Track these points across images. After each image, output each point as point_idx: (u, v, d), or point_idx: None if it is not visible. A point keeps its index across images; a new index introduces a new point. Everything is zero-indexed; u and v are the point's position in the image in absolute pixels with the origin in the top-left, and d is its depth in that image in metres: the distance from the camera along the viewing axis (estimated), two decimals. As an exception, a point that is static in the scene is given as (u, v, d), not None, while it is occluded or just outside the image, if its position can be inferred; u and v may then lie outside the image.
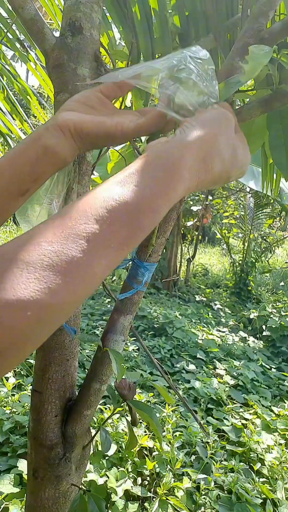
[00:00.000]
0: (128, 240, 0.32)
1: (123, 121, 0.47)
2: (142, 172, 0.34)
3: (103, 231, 0.31)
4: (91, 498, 0.71)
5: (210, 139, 0.38)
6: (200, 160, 0.37)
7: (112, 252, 0.31)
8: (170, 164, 0.35)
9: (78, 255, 0.29)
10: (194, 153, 0.36)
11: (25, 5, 0.65)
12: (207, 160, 0.37)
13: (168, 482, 1.83)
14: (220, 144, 0.39)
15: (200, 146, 0.37)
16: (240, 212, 6.62)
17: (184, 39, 1.12)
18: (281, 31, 0.74)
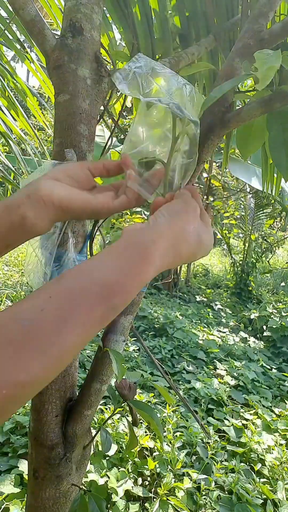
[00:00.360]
0: (101, 318, 0.35)
1: (108, 201, 0.51)
2: (118, 256, 0.38)
3: (78, 311, 0.33)
4: (91, 498, 0.71)
5: (178, 229, 0.43)
6: (170, 246, 0.41)
7: (85, 330, 0.33)
8: (143, 250, 0.39)
9: (53, 334, 0.31)
10: (165, 241, 0.41)
11: (26, 6, 0.65)
12: (176, 247, 0.42)
13: (168, 483, 1.83)
14: (187, 232, 0.44)
15: (169, 235, 0.41)
16: (241, 212, 6.62)
17: (185, 39, 1.12)
18: (281, 32, 0.74)
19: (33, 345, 0.30)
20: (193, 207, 0.46)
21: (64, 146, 0.66)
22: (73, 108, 0.67)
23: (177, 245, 0.42)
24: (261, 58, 0.53)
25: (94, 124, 0.70)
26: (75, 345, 0.33)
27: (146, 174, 0.55)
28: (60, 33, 0.70)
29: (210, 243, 0.48)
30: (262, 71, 0.51)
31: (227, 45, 1.10)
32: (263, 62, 0.52)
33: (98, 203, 0.50)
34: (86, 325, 0.33)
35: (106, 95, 0.75)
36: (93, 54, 0.69)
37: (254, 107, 0.70)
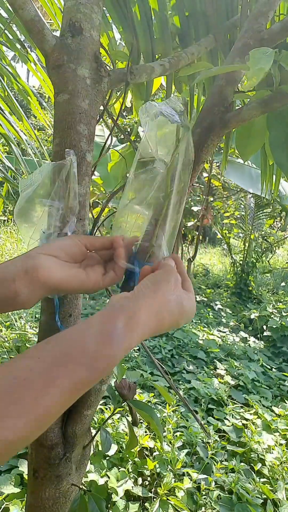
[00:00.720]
0: (86, 383, 0.36)
1: (99, 280, 0.55)
2: (103, 324, 0.40)
3: (62, 375, 0.35)
4: (91, 498, 0.71)
5: (161, 298, 0.45)
6: (153, 315, 0.44)
7: (70, 393, 0.35)
8: (128, 318, 0.40)
9: (39, 395, 0.33)
10: (148, 310, 0.43)
11: (25, 6, 0.65)
12: (159, 315, 0.44)
13: (168, 482, 1.83)
14: (169, 301, 0.46)
15: (153, 304, 0.44)
16: (241, 212, 6.62)
17: (184, 39, 1.12)
18: (280, 31, 0.74)
19: (19, 404, 0.32)
20: (175, 277, 0.49)
21: (63, 146, 0.66)
22: (73, 107, 0.67)
23: (160, 313, 0.45)
24: (255, 57, 0.54)
25: (93, 124, 0.70)
26: (58, 406, 0.34)
27: (135, 249, 0.61)
28: (60, 33, 0.70)
29: (192, 310, 0.50)
30: (252, 70, 0.52)
31: (226, 45, 1.10)
32: (256, 62, 0.52)
33: (91, 282, 0.54)
34: (70, 389, 0.35)
35: (106, 95, 0.75)
36: (93, 54, 0.69)
37: (254, 107, 0.70)
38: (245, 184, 3.43)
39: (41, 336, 0.68)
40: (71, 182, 0.64)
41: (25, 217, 0.64)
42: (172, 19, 1.09)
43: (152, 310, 0.44)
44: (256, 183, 3.44)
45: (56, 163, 0.63)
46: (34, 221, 0.65)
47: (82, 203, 0.68)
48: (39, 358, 0.35)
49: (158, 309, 0.45)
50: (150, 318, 0.43)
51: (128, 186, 0.63)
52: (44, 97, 9.42)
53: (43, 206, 0.63)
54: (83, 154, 0.68)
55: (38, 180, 0.63)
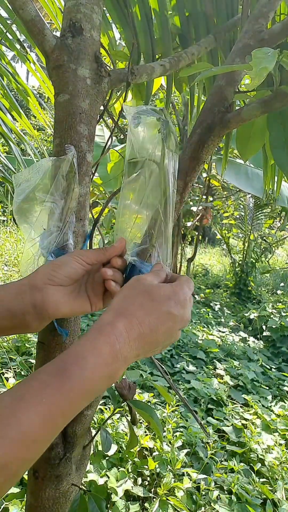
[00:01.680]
0: (61, 394, 0.35)
1: (100, 304, 0.57)
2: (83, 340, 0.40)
3: (31, 391, 0.34)
4: (91, 498, 0.71)
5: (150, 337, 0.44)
6: (134, 356, 0.43)
7: (44, 408, 0.33)
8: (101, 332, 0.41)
9: (9, 415, 0.32)
10: (133, 346, 0.42)
11: (26, 6, 0.65)
12: (140, 356, 0.44)
13: (168, 482, 1.83)
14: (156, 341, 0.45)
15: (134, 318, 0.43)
16: (240, 212, 6.62)
17: (184, 39, 1.12)
18: (281, 32, 0.74)
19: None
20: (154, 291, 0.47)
21: (64, 146, 0.66)
22: (73, 108, 0.67)
23: (142, 354, 0.44)
24: (258, 57, 0.54)
25: (94, 124, 0.70)
26: (35, 425, 0.32)
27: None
28: (60, 33, 0.70)
29: (177, 336, 0.47)
30: (255, 70, 0.52)
31: (227, 45, 1.10)
32: (259, 62, 0.52)
33: (94, 308, 0.56)
34: (42, 403, 0.33)
35: (106, 95, 0.75)
36: (93, 54, 0.69)
37: (254, 107, 0.70)
38: (241, 183, 3.41)
39: (40, 337, 0.68)
40: (71, 178, 0.63)
41: (24, 215, 0.64)
42: (173, 19, 1.10)
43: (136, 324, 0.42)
44: (252, 182, 3.42)
45: (56, 158, 0.63)
46: (34, 221, 0.64)
47: (82, 203, 0.68)
48: (14, 387, 0.35)
49: (141, 350, 0.43)
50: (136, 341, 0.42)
51: (128, 186, 0.63)
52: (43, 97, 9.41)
53: (42, 202, 0.63)
54: (84, 154, 0.68)
55: (36, 176, 0.63)
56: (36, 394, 0.33)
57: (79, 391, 0.36)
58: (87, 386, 0.36)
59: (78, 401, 0.36)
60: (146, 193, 0.61)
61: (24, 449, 0.32)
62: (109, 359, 0.39)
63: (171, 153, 0.60)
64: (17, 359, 2.69)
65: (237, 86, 0.78)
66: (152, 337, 0.43)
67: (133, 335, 0.41)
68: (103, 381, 0.38)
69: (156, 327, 0.43)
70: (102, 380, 0.38)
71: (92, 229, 0.77)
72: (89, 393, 0.37)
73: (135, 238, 0.66)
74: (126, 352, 0.40)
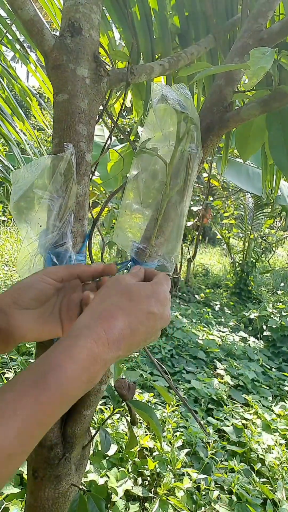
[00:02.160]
0: (33, 399, 0.33)
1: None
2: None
3: (3, 402, 0.32)
4: (90, 498, 0.71)
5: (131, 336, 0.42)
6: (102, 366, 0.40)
7: (18, 419, 0.32)
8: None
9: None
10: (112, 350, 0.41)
11: (24, 6, 0.65)
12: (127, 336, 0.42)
13: (168, 482, 1.83)
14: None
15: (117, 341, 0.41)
16: (240, 212, 6.62)
17: (184, 39, 1.12)
18: (280, 31, 0.74)
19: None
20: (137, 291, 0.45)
21: (63, 146, 0.66)
22: (72, 108, 0.67)
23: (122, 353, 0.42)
24: (256, 56, 0.54)
25: (93, 124, 0.70)
26: (9, 439, 0.31)
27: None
28: (59, 32, 0.70)
29: (157, 333, 0.46)
30: (253, 70, 0.51)
31: (226, 44, 1.10)
32: (256, 61, 0.52)
33: (65, 330, 0.53)
34: (17, 415, 0.32)
35: (105, 95, 0.75)
36: (92, 54, 0.69)
37: (254, 106, 0.70)
38: (242, 182, 3.42)
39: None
40: (69, 176, 0.63)
41: (22, 212, 0.64)
42: (172, 19, 1.09)
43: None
44: (253, 181, 3.42)
45: (54, 156, 0.63)
46: (32, 219, 0.64)
47: (81, 203, 0.68)
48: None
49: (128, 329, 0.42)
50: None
51: (129, 186, 0.62)
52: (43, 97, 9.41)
53: (40, 199, 0.63)
54: (83, 154, 0.68)
55: (34, 173, 0.63)
56: (10, 406, 0.32)
57: (56, 400, 0.34)
58: (64, 394, 0.35)
59: (56, 410, 0.35)
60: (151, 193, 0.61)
61: (4, 468, 0.31)
62: (87, 364, 0.37)
63: (185, 154, 0.59)
64: (17, 359, 2.69)
65: (236, 85, 0.78)
66: (133, 337, 0.42)
67: (112, 338, 0.40)
68: (82, 386, 0.37)
69: (137, 328, 0.42)
70: (80, 386, 0.37)
71: (91, 229, 0.77)
72: (67, 400, 0.36)
73: (135, 238, 0.66)
74: (105, 355, 0.39)
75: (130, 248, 0.66)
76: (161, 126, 0.58)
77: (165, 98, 0.55)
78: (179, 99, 0.55)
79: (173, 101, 0.55)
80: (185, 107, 0.55)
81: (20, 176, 0.62)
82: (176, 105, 0.55)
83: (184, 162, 0.61)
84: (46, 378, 0.34)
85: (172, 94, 0.55)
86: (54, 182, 0.62)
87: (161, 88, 0.55)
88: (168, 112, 0.57)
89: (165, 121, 0.58)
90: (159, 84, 0.56)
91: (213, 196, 6.29)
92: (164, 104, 0.55)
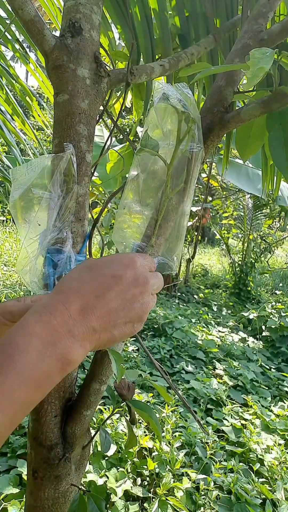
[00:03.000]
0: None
1: None
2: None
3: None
4: (90, 498, 0.71)
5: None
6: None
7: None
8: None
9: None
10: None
11: (25, 7, 0.65)
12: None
13: (167, 483, 1.83)
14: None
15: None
16: (239, 212, 6.63)
17: (184, 39, 1.12)
18: (280, 32, 0.74)
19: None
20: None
21: (63, 146, 0.66)
22: (72, 108, 0.67)
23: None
24: (255, 57, 0.54)
25: (93, 124, 0.70)
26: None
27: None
28: (59, 33, 0.70)
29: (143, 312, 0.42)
30: (252, 70, 0.51)
31: (226, 45, 1.10)
32: (256, 62, 0.52)
33: None
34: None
35: (105, 95, 0.75)
36: (92, 54, 0.69)
37: (254, 107, 0.70)
38: (242, 184, 3.42)
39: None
40: (69, 176, 0.63)
41: (20, 211, 0.64)
42: (172, 19, 1.10)
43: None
44: (253, 182, 3.43)
45: (54, 155, 0.63)
46: (32, 219, 0.64)
47: (81, 203, 0.68)
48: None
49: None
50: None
51: (128, 186, 0.62)
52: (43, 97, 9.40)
53: (40, 198, 0.63)
54: (83, 155, 0.68)
55: (34, 172, 0.62)
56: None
57: (18, 382, 0.31)
58: (27, 374, 0.32)
59: (23, 393, 0.31)
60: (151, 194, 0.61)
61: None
62: (48, 338, 0.34)
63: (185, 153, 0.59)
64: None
65: (237, 86, 0.78)
66: (102, 304, 0.38)
67: (74, 307, 0.36)
68: (50, 364, 0.33)
69: (102, 293, 0.38)
70: (47, 363, 0.33)
71: (91, 229, 0.77)
72: (36, 381, 0.32)
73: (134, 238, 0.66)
74: (70, 326, 0.35)
75: (130, 248, 0.67)
76: (162, 125, 0.58)
77: (167, 97, 0.54)
78: (181, 98, 0.55)
79: (175, 100, 0.55)
80: (187, 106, 0.55)
81: (20, 174, 0.62)
82: (177, 104, 0.54)
83: (185, 162, 0.62)
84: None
85: (174, 93, 0.55)
86: (54, 182, 0.62)
87: (163, 87, 0.55)
88: (169, 111, 0.57)
89: (166, 120, 0.58)
90: (160, 83, 0.56)
91: (212, 196, 6.29)
92: (166, 102, 0.55)
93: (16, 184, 0.62)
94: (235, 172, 3.45)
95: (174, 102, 0.54)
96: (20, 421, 0.33)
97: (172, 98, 0.54)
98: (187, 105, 0.55)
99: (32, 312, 0.36)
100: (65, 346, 0.34)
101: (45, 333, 0.34)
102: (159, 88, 0.55)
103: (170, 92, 0.55)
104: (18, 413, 0.32)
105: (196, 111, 0.57)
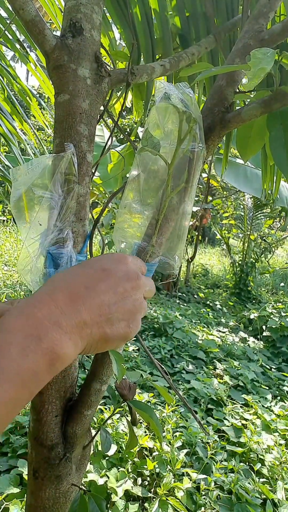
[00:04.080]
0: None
1: None
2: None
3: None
4: (91, 498, 0.71)
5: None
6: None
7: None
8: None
9: None
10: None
11: (26, 6, 0.65)
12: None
13: (168, 483, 1.83)
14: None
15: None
16: (240, 212, 6.63)
17: (185, 39, 1.12)
18: (281, 32, 0.74)
19: None
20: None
21: (64, 146, 0.66)
22: (73, 108, 0.67)
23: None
24: (256, 57, 0.54)
25: (94, 124, 0.70)
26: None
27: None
28: (60, 33, 0.70)
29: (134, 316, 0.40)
30: (253, 71, 0.51)
31: (227, 45, 1.10)
32: (257, 62, 0.52)
33: None
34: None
35: (106, 95, 0.75)
36: (93, 54, 0.69)
37: (254, 107, 0.70)
38: (239, 184, 3.42)
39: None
40: (70, 176, 0.63)
41: (22, 211, 0.64)
42: (173, 19, 1.10)
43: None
44: (251, 183, 3.42)
45: (55, 155, 0.63)
46: (33, 219, 0.64)
47: (82, 203, 0.68)
48: None
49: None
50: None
51: (129, 186, 0.63)
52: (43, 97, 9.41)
53: (40, 198, 0.63)
54: (84, 154, 0.68)
55: (34, 172, 0.62)
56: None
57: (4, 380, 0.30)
58: (7, 372, 0.30)
59: (5, 393, 0.29)
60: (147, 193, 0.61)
61: None
62: (31, 331, 0.31)
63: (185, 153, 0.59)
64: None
65: (238, 86, 0.78)
66: (93, 296, 0.36)
67: (61, 298, 0.34)
68: (35, 360, 0.31)
69: (93, 285, 0.37)
70: (31, 359, 0.31)
71: (92, 229, 0.77)
72: (19, 379, 0.30)
73: (135, 238, 0.66)
74: (57, 317, 0.33)
75: (131, 247, 0.67)
76: (163, 124, 0.58)
77: (168, 96, 0.54)
78: (182, 98, 0.55)
79: (176, 99, 0.55)
80: (188, 106, 0.55)
81: (20, 173, 0.62)
82: (178, 104, 0.55)
83: (185, 162, 0.62)
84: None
85: (175, 92, 0.55)
86: (55, 182, 0.62)
87: (164, 86, 0.55)
88: (170, 110, 0.57)
89: (167, 119, 0.58)
90: (162, 82, 0.56)
91: (212, 196, 6.29)
92: (167, 102, 0.55)
93: (16, 184, 0.62)
94: (233, 172, 3.44)
95: (175, 101, 0.54)
96: (8, 421, 0.31)
97: (174, 98, 0.54)
98: (189, 105, 0.55)
99: (14, 308, 0.34)
100: (52, 339, 0.32)
101: (28, 326, 0.32)
102: (161, 87, 0.55)
103: (171, 92, 0.55)
104: (2, 414, 0.30)
105: (197, 110, 0.57)
